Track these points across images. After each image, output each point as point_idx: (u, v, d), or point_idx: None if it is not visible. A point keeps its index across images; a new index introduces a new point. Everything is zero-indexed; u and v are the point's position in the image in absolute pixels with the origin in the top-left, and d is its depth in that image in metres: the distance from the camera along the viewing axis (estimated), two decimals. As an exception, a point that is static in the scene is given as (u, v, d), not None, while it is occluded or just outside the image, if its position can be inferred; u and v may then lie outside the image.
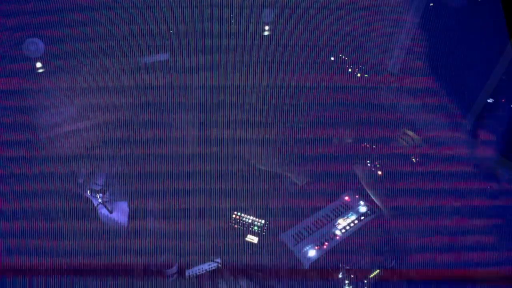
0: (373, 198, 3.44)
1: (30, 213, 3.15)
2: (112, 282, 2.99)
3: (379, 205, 3.40)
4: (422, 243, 3.22)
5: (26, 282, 2.96)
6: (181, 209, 3.22)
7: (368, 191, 3.47)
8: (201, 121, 3.46)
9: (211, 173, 3.32)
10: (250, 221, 3.30)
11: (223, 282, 3.09)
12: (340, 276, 3.08)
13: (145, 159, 3.34)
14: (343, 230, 3.27)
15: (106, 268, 3.02)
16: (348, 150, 3.57)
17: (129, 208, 3.27)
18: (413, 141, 3.60)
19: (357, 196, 3.48)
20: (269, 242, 3.24)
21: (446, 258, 3.17)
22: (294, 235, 3.23)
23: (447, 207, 3.34)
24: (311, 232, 3.26)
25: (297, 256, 3.13)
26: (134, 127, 3.42)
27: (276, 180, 3.49)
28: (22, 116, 3.38)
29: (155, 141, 3.40)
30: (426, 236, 3.24)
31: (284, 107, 3.60)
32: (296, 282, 3.08)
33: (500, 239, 3.21)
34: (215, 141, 3.40)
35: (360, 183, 3.51)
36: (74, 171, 3.33)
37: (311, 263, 3.09)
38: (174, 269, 3.07)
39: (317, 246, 3.17)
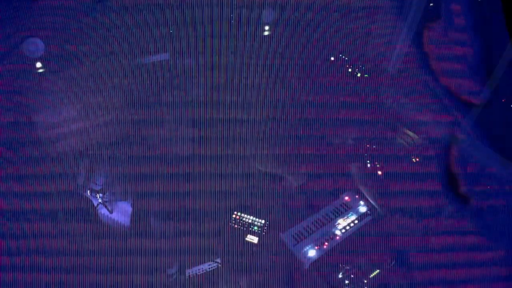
0: (368, 197, 3.44)
1: (30, 213, 3.15)
2: (112, 281, 3.00)
3: (374, 204, 3.40)
4: (422, 243, 3.22)
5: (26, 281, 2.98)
6: (181, 210, 3.22)
7: (363, 192, 3.47)
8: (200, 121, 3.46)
9: (211, 174, 3.32)
10: (250, 221, 3.30)
11: (223, 282, 3.09)
12: (340, 276, 3.08)
13: (145, 159, 3.34)
14: (343, 230, 3.27)
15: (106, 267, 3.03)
16: (348, 151, 3.57)
17: (132, 207, 3.27)
18: (412, 141, 3.60)
19: (357, 196, 3.48)
20: (269, 242, 3.24)
21: (446, 258, 3.18)
22: (294, 235, 3.23)
23: (447, 207, 3.35)
24: (311, 232, 3.26)
25: (297, 256, 3.13)
26: (134, 127, 3.42)
27: (275, 180, 3.49)
28: (22, 116, 3.38)
29: (154, 141, 3.40)
30: (426, 236, 3.25)
31: (283, 108, 3.60)
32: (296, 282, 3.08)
33: (497, 238, 3.22)
34: (214, 142, 3.40)
35: (357, 183, 3.50)
36: (74, 171, 3.32)
37: (311, 263, 3.09)
38: (174, 269, 3.08)
39: (317, 246, 3.17)
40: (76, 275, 3.00)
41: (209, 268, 3.11)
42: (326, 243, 3.19)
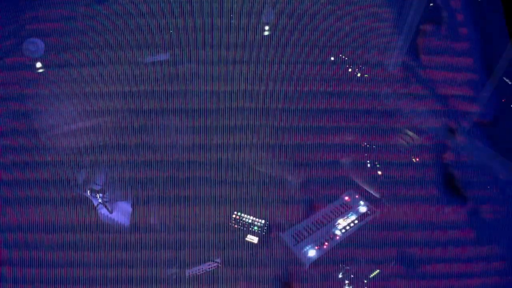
0: (367, 189, 3.43)
1: (30, 213, 3.15)
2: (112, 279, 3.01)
3: (374, 194, 3.39)
4: (422, 243, 3.23)
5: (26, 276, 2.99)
6: (180, 210, 3.23)
7: (364, 187, 3.46)
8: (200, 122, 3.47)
9: (210, 174, 3.32)
10: (250, 221, 3.30)
11: (223, 282, 3.09)
12: (340, 276, 3.08)
13: (144, 162, 3.34)
14: (343, 230, 3.27)
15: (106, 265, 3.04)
16: (348, 151, 3.57)
17: (132, 208, 3.27)
18: (412, 141, 3.60)
19: (357, 196, 3.48)
20: (269, 242, 3.24)
21: (446, 258, 3.18)
22: (294, 235, 3.23)
23: (447, 207, 3.35)
24: (311, 232, 3.26)
25: (297, 256, 3.13)
26: (134, 129, 3.42)
27: (275, 181, 3.49)
28: (22, 116, 3.38)
29: (155, 144, 3.40)
30: (426, 236, 3.25)
31: (283, 109, 3.60)
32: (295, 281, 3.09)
33: (497, 237, 3.23)
34: (214, 143, 3.40)
35: (357, 182, 3.50)
36: (74, 171, 3.33)
37: (311, 263, 3.09)
38: (174, 269, 3.08)
39: (317, 246, 3.17)
40: (75, 270, 3.01)
41: (209, 268, 3.11)
42: (326, 243, 3.19)
